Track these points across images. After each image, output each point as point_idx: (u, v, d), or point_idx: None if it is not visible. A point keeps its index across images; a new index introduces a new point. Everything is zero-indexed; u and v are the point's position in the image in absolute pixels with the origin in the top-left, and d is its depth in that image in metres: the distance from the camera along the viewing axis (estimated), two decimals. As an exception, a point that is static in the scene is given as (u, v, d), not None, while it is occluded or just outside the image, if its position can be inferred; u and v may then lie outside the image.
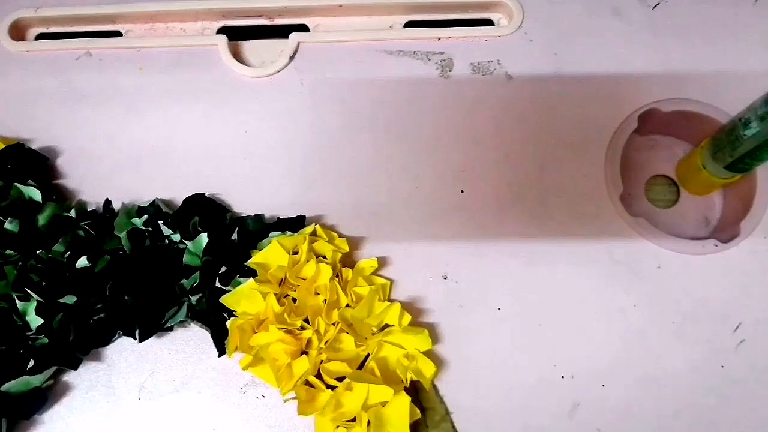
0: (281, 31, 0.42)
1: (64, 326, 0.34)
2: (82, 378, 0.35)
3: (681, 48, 0.40)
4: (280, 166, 0.38)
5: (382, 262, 0.36)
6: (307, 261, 0.35)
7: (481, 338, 0.35)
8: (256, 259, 0.35)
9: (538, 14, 0.41)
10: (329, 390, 0.33)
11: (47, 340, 0.33)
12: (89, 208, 0.37)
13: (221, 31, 0.42)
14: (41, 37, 0.43)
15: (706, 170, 0.36)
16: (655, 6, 0.41)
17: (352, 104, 0.40)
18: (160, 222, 0.36)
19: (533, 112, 0.39)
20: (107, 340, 0.35)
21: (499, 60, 0.40)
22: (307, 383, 0.33)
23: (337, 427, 0.32)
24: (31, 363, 0.33)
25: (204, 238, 0.35)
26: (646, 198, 0.40)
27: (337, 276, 0.35)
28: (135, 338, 0.34)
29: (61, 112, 0.40)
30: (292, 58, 0.41)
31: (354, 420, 0.32)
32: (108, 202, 0.37)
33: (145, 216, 0.36)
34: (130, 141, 0.39)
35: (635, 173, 0.40)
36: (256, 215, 0.37)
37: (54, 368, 0.34)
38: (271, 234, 0.36)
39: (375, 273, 0.36)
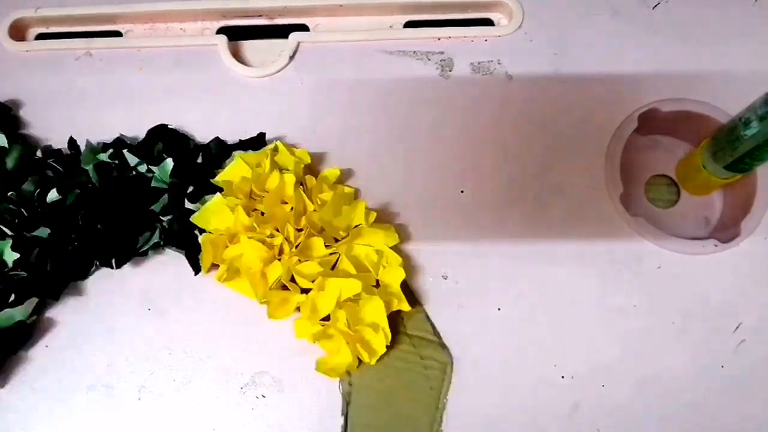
0: (281, 31, 0.42)
1: (41, 259, 0.35)
2: (82, 378, 0.35)
3: (681, 48, 0.40)
4: (280, 166, 0.38)
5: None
6: (271, 173, 0.35)
7: (481, 338, 0.35)
8: (221, 176, 0.36)
9: (538, 14, 0.41)
10: (303, 294, 0.34)
11: (25, 274, 0.34)
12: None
13: (221, 31, 0.42)
14: (41, 37, 0.43)
15: (706, 170, 0.36)
16: (655, 6, 0.41)
17: (352, 104, 0.40)
18: (125, 150, 0.36)
19: (533, 112, 0.39)
20: (85, 273, 0.36)
21: (499, 60, 0.40)
22: (284, 288, 0.34)
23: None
24: (12, 297, 0.34)
25: (169, 162, 0.36)
26: (646, 198, 0.40)
27: (301, 185, 0.36)
28: (112, 267, 0.35)
29: (61, 112, 0.40)
30: (292, 58, 0.41)
31: (329, 318, 0.34)
32: (73, 141, 0.38)
33: (111, 150, 0.37)
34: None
35: (635, 173, 0.40)
36: (216, 138, 0.38)
37: (35, 301, 0.35)
38: (234, 153, 0.37)
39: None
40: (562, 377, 0.34)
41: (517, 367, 0.35)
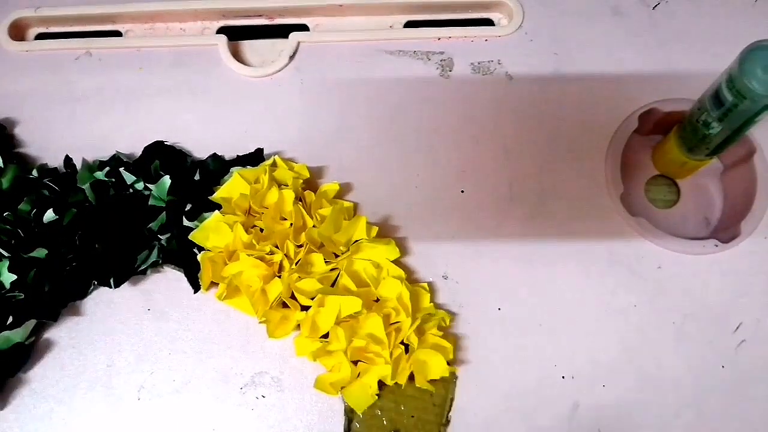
0: (281, 31, 0.42)
1: (39, 280, 0.34)
2: (82, 378, 0.35)
3: (681, 48, 0.40)
4: (280, 166, 0.38)
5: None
6: (269, 189, 0.35)
7: (481, 338, 0.35)
8: (219, 193, 0.35)
9: (538, 14, 0.41)
10: (303, 312, 0.34)
11: (23, 296, 0.34)
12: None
13: (221, 31, 0.42)
14: (41, 37, 0.43)
15: (690, 161, 0.36)
16: (655, 6, 0.41)
17: (352, 104, 0.40)
18: (122, 169, 0.36)
19: (533, 112, 0.39)
20: (84, 292, 0.36)
21: (499, 60, 0.40)
22: (284, 306, 0.34)
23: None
24: (10, 320, 0.34)
25: (167, 180, 0.36)
26: (646, 198, 0.40)
27: (300, 200, 0.36)
28: (110, 286, 0.35)
29: (61, 112, 0.40)
30: (292, 57, 0.41)
31: (327, 335, 0.33)
32: (68, 159, 0.38)
33: (107, 168, 0.37)
34: (130, 141, 0.39)
35: (635, 173, 0.40)
36: (214, 154, 0.38)
37: (33, 323, 0.34)
38: (232, 169, 0.37)
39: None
40: (563, 377, 0.34)
41: (517, 367, 0.35)
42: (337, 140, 0.39)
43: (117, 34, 0.43)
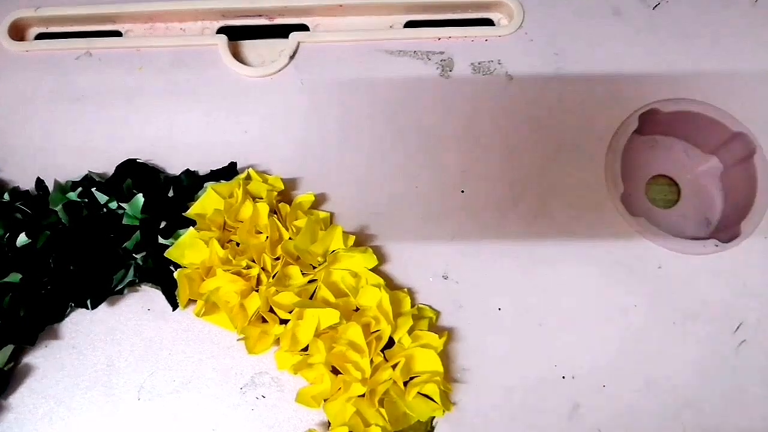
0: (281, 31, 0.42)
1: (14, 305, 0.34)
2: (82, 378, 0.35)
3: (681, 48, 0.40)
4: (279, 165, 0.38)
5: (382, 260, 0.36)
6: (243, 203, 0.35)
7: (481, 338, 0.35)
8: (193, 209, 0.35)
9: (539, 14, 0.41)
10: (282, 325, 0.34)
11: None
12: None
13: (221, 30, 0.42)
14: (41, 36, 0.43)
15: None
16: (655, 6, 0.41)
17: (352, 104, 0.40)
18: (94, 189, 0.36)
19: (533, 112, 0.39)
20: (61, 315, 0.35)
21: (499, 60, 0.40)
22: (264, 321, 0.34)
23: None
24: None
25: (140, 198, 0.35)
26: (646, 198, 0.40)
27: (275, 213, 0.36)
28: (87, 307, 0.34)
29: (61, 112, 0.40)
30: (292, 58, 0.41)
31: (307, 348, 0.33)
32: (40, 181, 0.37)
33: (80, 189, 0.36)
34: (130, 141, 0.39)
35: (635, 173, 0.40)
36: (187, 170, 0.37)
37: (12, 348, 0.34)
38: (206, 185, 0.37)
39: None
40: (563, 377, 0.34)
41: (518, 368, 0.35)
42: (336, 140, 0.39)
43: (117, 34, 0.43)
